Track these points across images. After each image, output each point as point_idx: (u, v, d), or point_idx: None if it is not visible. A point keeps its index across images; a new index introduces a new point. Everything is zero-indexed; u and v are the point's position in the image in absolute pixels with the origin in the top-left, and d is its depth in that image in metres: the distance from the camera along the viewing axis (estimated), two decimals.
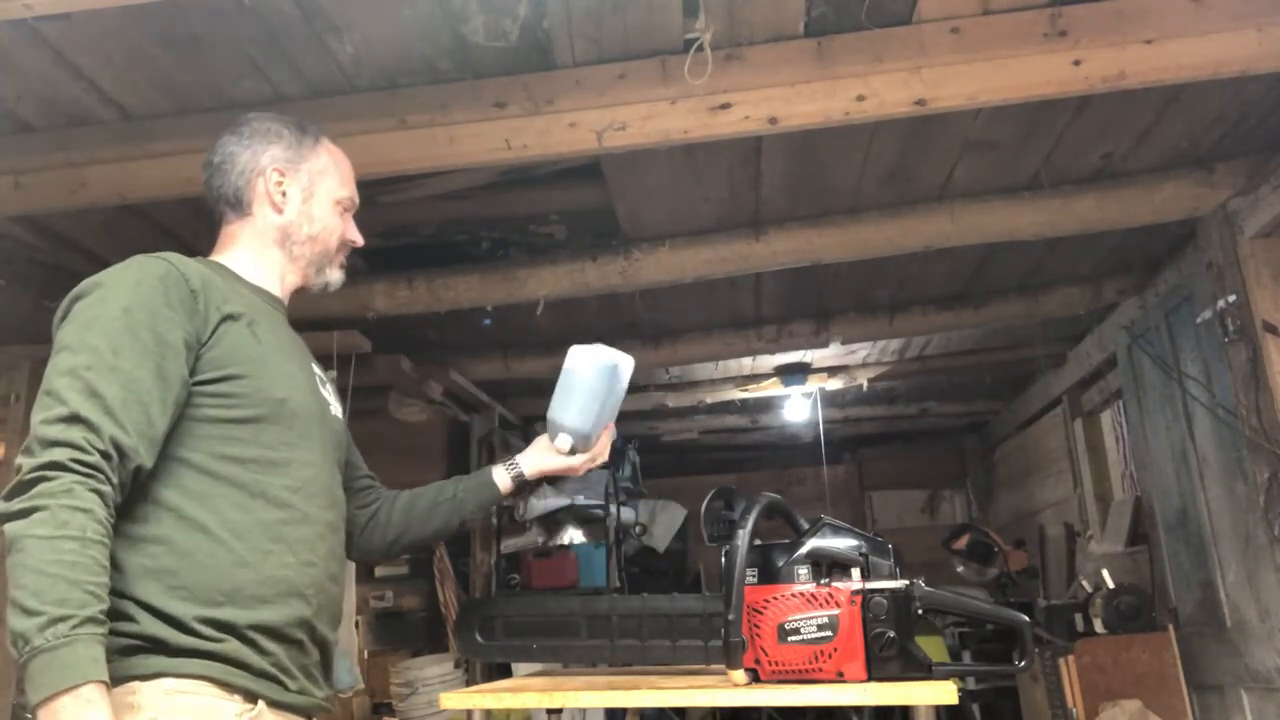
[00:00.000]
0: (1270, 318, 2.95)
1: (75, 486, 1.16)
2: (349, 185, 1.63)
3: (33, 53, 2.19)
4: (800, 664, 1.51)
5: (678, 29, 2.25)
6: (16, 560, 1.12)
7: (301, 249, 1.57)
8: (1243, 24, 2.22)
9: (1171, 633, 3.50)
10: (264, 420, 1.36)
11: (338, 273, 1.62)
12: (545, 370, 4.55)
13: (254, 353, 1.38)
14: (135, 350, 1.26)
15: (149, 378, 1.26)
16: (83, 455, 1.18)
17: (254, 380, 1.36)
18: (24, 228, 2.95)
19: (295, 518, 1.36)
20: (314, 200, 1.57)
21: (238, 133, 1.58)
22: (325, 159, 1.60)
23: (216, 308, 1.36)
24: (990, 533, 5.09)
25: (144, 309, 1.30)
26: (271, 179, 1.55)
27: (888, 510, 7.16)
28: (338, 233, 1.60)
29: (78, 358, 1.24)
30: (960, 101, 2.31)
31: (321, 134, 1.63)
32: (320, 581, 1.39)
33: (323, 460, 1.45)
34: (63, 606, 1.10)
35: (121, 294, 1.31)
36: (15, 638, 1.10)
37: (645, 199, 3.09)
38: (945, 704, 1.42)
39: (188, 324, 1.32)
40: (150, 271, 1.35)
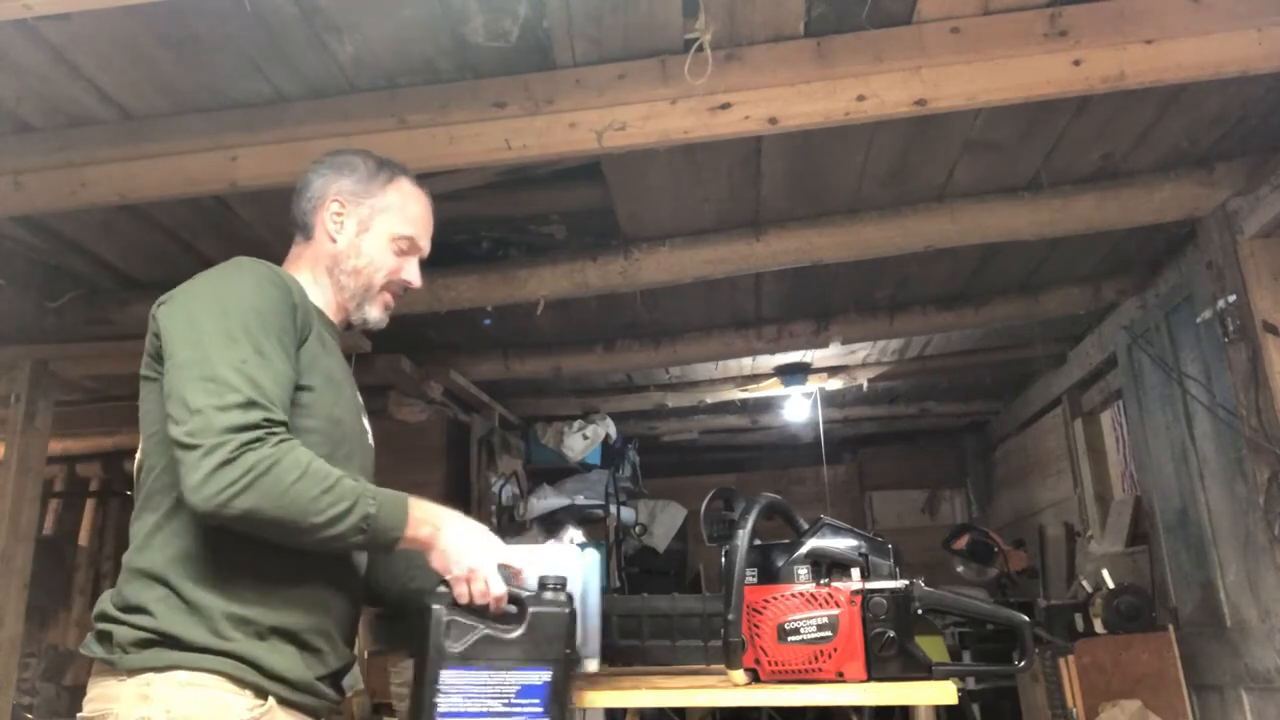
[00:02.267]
0: (1270, 318, 2.95)
1: (280, 442, 1.28)
2: (415, 226, 1.65)
3: (33, 53, 2.19)
4: (800, 664, 1.51)
5: (678, 29, 2.25)
6: (302, 503, 1.25)
7: (347, 279, 1.60)
8: (1243, 24, 2.22)
9: (1171, 633, 3.50)
10: (322, 434, 1.42)
11: (377, 311, 1.64)
12: (545, 370, 4.55)
13: (324, 370, 1.47)
14: (270, 346, 1.35)
15: (285, 372, 1.37)
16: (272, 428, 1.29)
17: (321, 395, 1.44)
18: (24, 228, 2.96)
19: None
20: (368, 235, 1.61)
21: (320, 162, 1.65)
22: (393, 198, 1.63)
23: (305, 323, 1.45)
24: (990, 533, 5.09)
25: (272, 309, 1.39)
26: (331, 208, 1.60)
27: (888, 510, 7.16)
28: (385, 270, 1.62)
29: (233, 352, 1.32)
30: (960, 101, 2.31)
31: (402, 174, 1.66)
32: (346, 594, 1.46)
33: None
34: (355, 488, 1.30)
35: (247, 292, 1.40)
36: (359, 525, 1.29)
37: (645, 199, 3.09)
38: (945, 704, 1.42)
39: (293, 329, 1.42)
40: (265, 276, 1.43)
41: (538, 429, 5.51)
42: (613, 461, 5.66)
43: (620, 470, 5.80)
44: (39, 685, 5.22)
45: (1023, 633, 1.57)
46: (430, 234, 1.70)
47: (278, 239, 3.12)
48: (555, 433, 5.45)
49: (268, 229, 3.05)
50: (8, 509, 3.56)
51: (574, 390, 5.37)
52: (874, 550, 1.56)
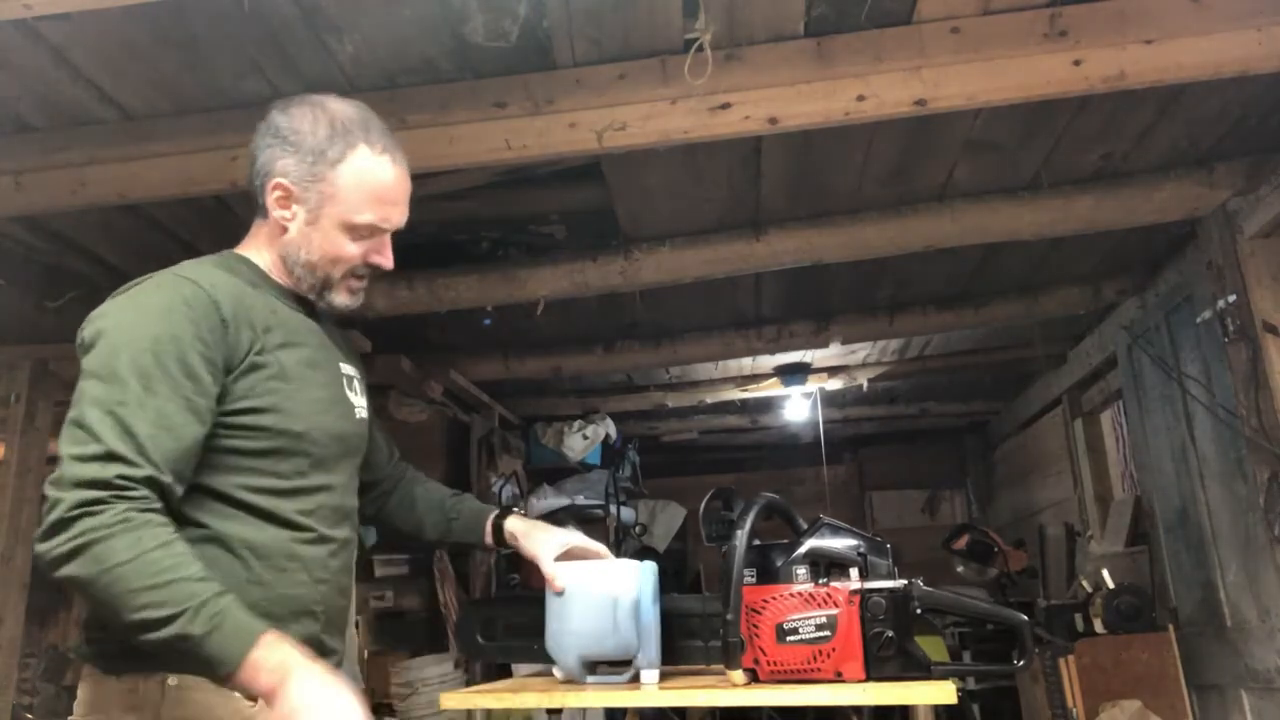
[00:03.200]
0: (1270, 318, 2.95)
1: (128, 512, 1.17)
2: (372, 208, 1.44)
3: (33, 53, 2.19)
4: (799, 664, 1.51)
5: (678, 29, 2.25)
6: (116, 591, 1.14)
7: (301, 271, 1.46)
8: (1243, 24, 2.22)
9: (1171, 633, 3.50)
10: (281, 453, 1.34)
11: (343, 296, 1.49)
12: (545, 370, 4.55)
13: (278, 383, 1.35)
14: (166, 384, 1.24)
15: (179, 413, 1.24)
16: (124, 490, 1.18)
17: (275, 415, 1.33)
18: (24, 228, 2.96)
19: (310, 538, 1.38)
20: (318, 225, 1.43)
21: (269, 122, 1.45)
22: (345, 179, 1.42)
23: (248, 337, 1.33)
24: (990, 533, 5.08)
25: (173, 340, 1.26)
26: (275, 194, 1.43)
27: (888, 510, 7.16)
28: (342, 261, 1.45)
29: (110, 391, 1.22)
30: (960, 101, 2.31)
31: (362, 141, 1.44)
32: (331, 597, 1.41)
33: (338, 480, 1.45)
34: (194, 598, 1.15)
35: (151, 322, 1.28)
36: (173, 641, 1.14)
37: (645, 199, 3.09)
38: (945, 704, 1.42)
39: (217, 355, 1.29)
40: (180, 297, 1.30)
41: (538, 429, 5.51)
42: (613, 461, 5.66)
43: (620, 470, 5.80)
44: (39, 685, 5.22)
45: (1022, 633, 1.57)
46: (403, 202, 1.50)
47: None
48: (555, 433, 5.45)
49: None
50: (8, 509, 3.56)
51: (574, 390, 5.37)
52: (872, 550, 1.56)
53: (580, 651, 1.64)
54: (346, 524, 1.47)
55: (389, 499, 1.75)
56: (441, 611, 4.95)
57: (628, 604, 1.63)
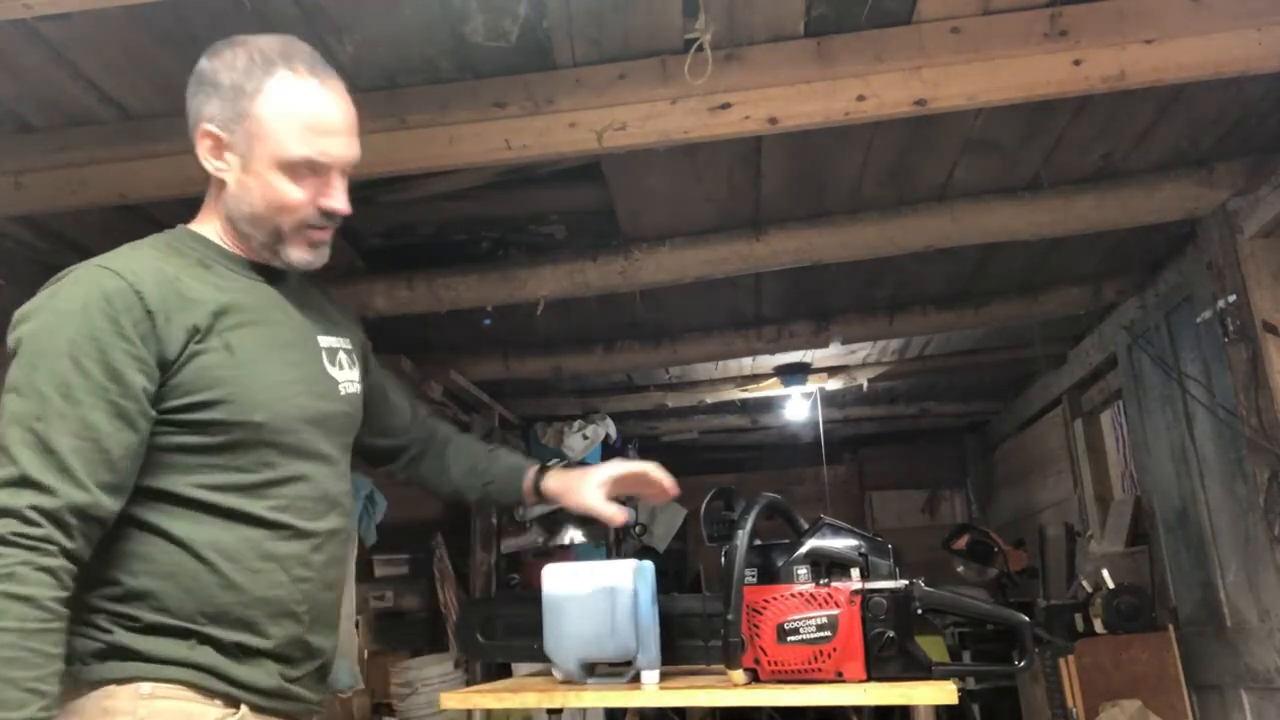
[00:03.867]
0: (1270, 318, 2.95)
1: (17, 569, 1.07)
2: (305, 140, 1.27)
3: (33, 53, 2.19)
4: (799, 664, 1.51)
5: (678, 29, 2.25)
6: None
7: (246, 228, 1.31)
8: (1243, 24, 2.22)
9: (1171, 633, 3.50)
10: (240, 445, 1.24)
11: (300, 251, 1.32)
12: (545, 370, 4.55)
13: (227, 370, 1.23)
14: (86, 390, 1.14)
15: (104, 420, 1.14)
16: (28, 529, 1.08)
17: (227, 405, 1.22)
18: (24, 228, 2.95)
19: (287, 534, 1.28)
20: (252, 171, 1.28)
21: (197, 69, 1.32)
22: (269, 111, 1.27)
23: (181, 325, 1.21)
24: (990, 533, 5.08)
25: (92, 340, 1.15)
26: (205, 143, 1.30)
27: (888, 510, 7.16)
28: (289, 209, 1.29)
29: (27, 404, 1.13)
30: (960, 101, 2.31)
31: (284, 66, 1.29)
32: (315, 594, 1.31)
33: (318, 466, 1.33)
34: (19, 709, 1.04)
35: (67, 324, 1.17)
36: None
37: (645, 199, 3.09)
38: (945, 704, 1.42)
39: (144, 351, 1.18)
40: (99, 291, 1.19)
41: (538, 429, 5.51)
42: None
43: None
44: None
45: (1023, 633, 1.58)
46: (343, 132, 1.31)
47: None
48: (555, 433, 5.45)
49: None
50: None
51: (574, 390, 5.37)
52: (874, 550, 1.56)
53: (579, 653, 1.64)
54: (332, 513, 1.35)
55: (420, 463, 1.66)
56: (441, 611, 4.95)
57: (626, 605, 1.63)
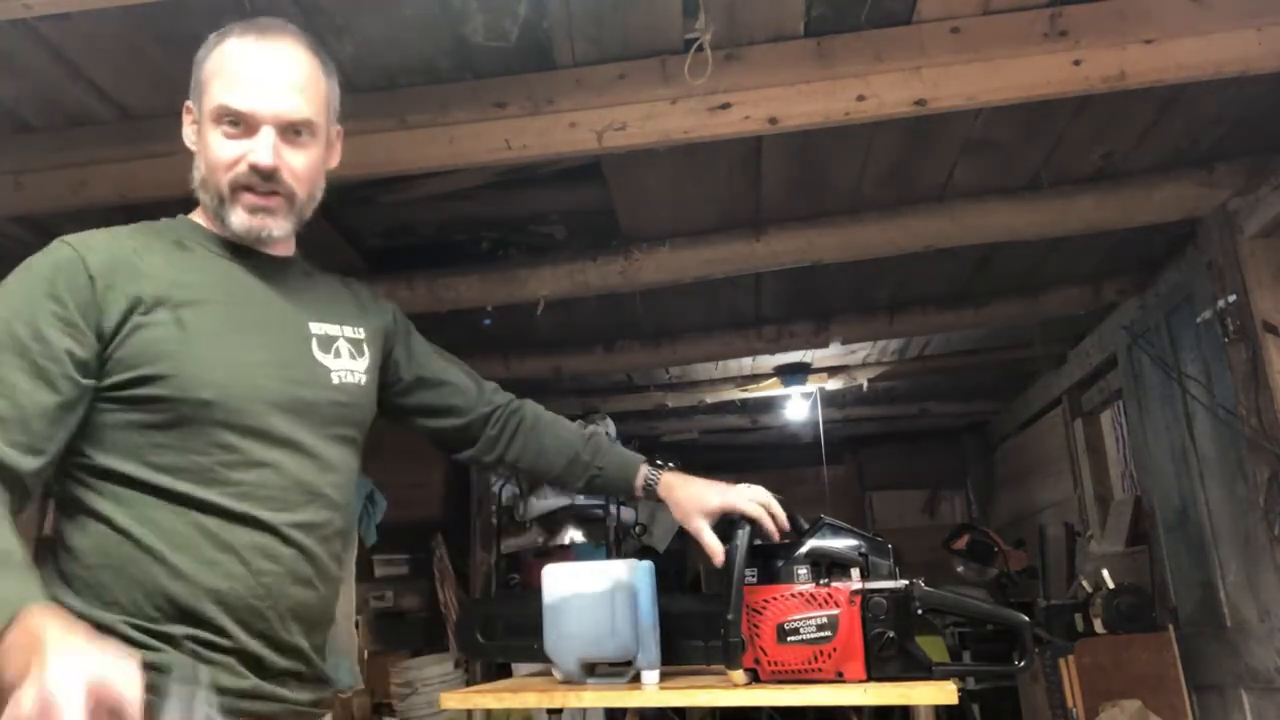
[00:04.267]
0: (1270, 318, 2.95)
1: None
2: (232, 87, 1.26)
3: (33, 53, 2.19)
4: (799, 664, 1.51)
5: (678, 29, 2.25)
6: None
7: (203, 195, 1.32)
8: (1243, 24, 2.22)
9: (1171, 633, 3.50)
10: (188, 424, 1.19)
11: (240, 216, 1.29)
12: (545, 370, 4.55)
13: (174, 345, 1.19)
14: (10, 349, 1.14)
15: (22, 379, 1.13)
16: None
17: (173, 380, 1.18)
18: (24, 228, 2.95)
19: (246, 523, 1.20)
20: (201, 132, 1.30)
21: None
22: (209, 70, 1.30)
23: (124, 294, 1.19)
24: (990, 533, 5.08)
25: (25, 302, 1.16)
26: (185, 120, 1.34)
27: (888, 510, 7.16)
28: (219, 165, 1.27)
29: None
30: (960, 101, 2.31)
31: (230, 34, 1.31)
32: (281, 588, 1.22)
33: (289, 454, 1.26)
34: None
35: (12, 292, 1.19)
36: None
37: (645, 199, 3.09)
38: (945, 704, 1.42)
39: (76, 315, 1.16)
40: (49, 259, 1.21)
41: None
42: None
43: None
44: None
45: (1022, 633, 1.57)
46: (269, 83, 1.27)
47: None
48: None
49: None
50: None
51: (574, 390, 5.37)
52: (874, 550, 1.56)
53: (579, 654, 1.64)
54: (310, 506, 1.27)
55: (509, 444, 1.61)
56: (441, 611, 4.95)
57: (625, 605, 1.63)
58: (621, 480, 1.63)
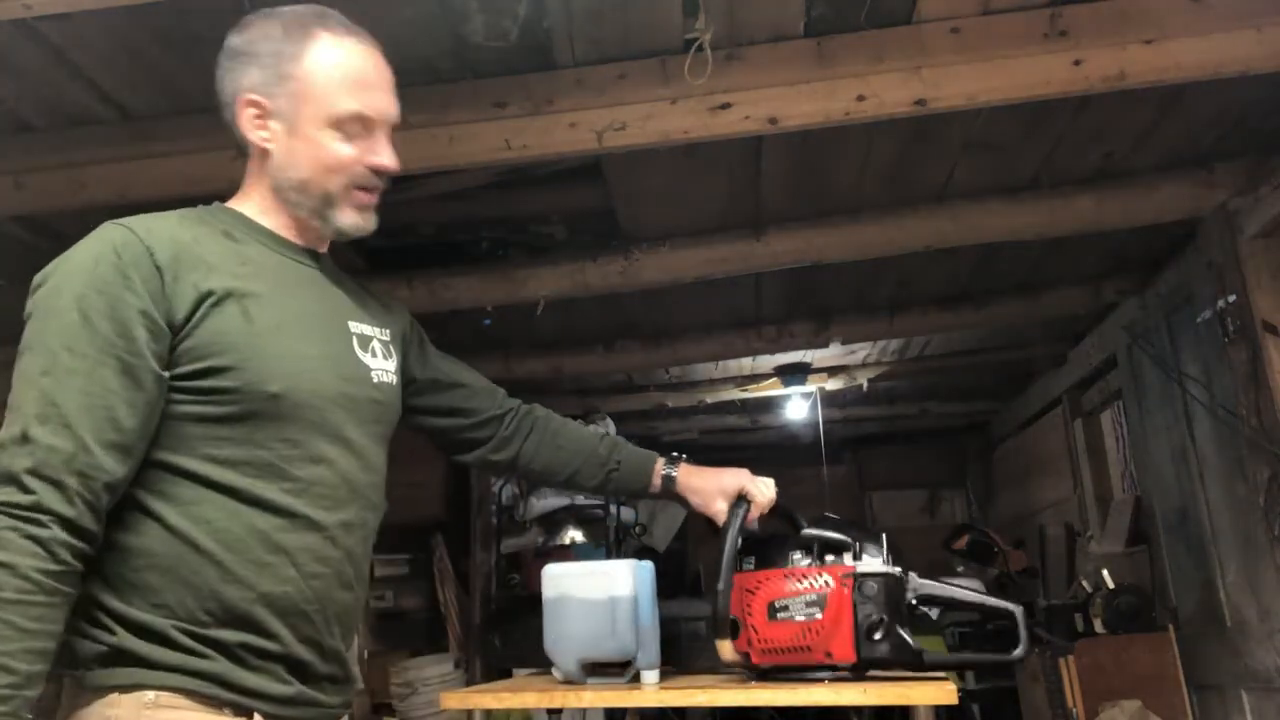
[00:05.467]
0: (1270, 318, 2.95)
1: (5, 533, 1.02)
2: (352, 94, 1.26)
3: (33, 53, 2.19)
4: (788, 641, 1.50)
5: (678, 29, 2.25)
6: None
7: (296, 197, 1.28)
8: (1243, 24, 2.22)
9: (1171, 633, 3.50)
10: (255, 418, 1.16)
11: (350, 217, 1.30)
12: (545, 370, 4.55)
13: (242, 337, 1.17)
14: (93, 345, 1.09)
15: (112, 376, 1.09)
16: (20, 497, 1.03)
17: (241, 372, 1.15)
18: (24, 228, 2.95)
19: (299, 524, 1.18)
20: (299, 133, 1.26)
21: (228, 46, 1.32)
22: (312, 69, 1.26)
23: (193, 284, 1.16)
24: (990, 533, 5.09)
25: (101, 294, 1.12)
26: (248, 113, 1.28)
27: (888, 510, 7.16)
28: (339, 169, 1.27)
29: (36, 360, 1.10)
30: (960, 101, 2.31)
31: (320, 27, 1.28)
32: (329, 592, 1.21)
33: (341, 450, 1.24)
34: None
35: (77, 279, 1.13)
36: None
37: (645, 199, 3.09)
38: (945, 704, 1.42)
39: (154, 308, 1.13)
40: (109, 245, 1.15)
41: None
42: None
43: None
44: None
45: (1017, 620, 1.57)
46: (388, 89, 1.31)
47: None
48: None
49: None
50: None
51: (574, 390, 5.37)
52: (868, 539, 1.57)
53: (579, 654, 1.64)
54: (354, 504, 1.26)
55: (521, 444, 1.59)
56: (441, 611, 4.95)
57: (625, 605, 1.63)
58: (640, 474, 1.60)
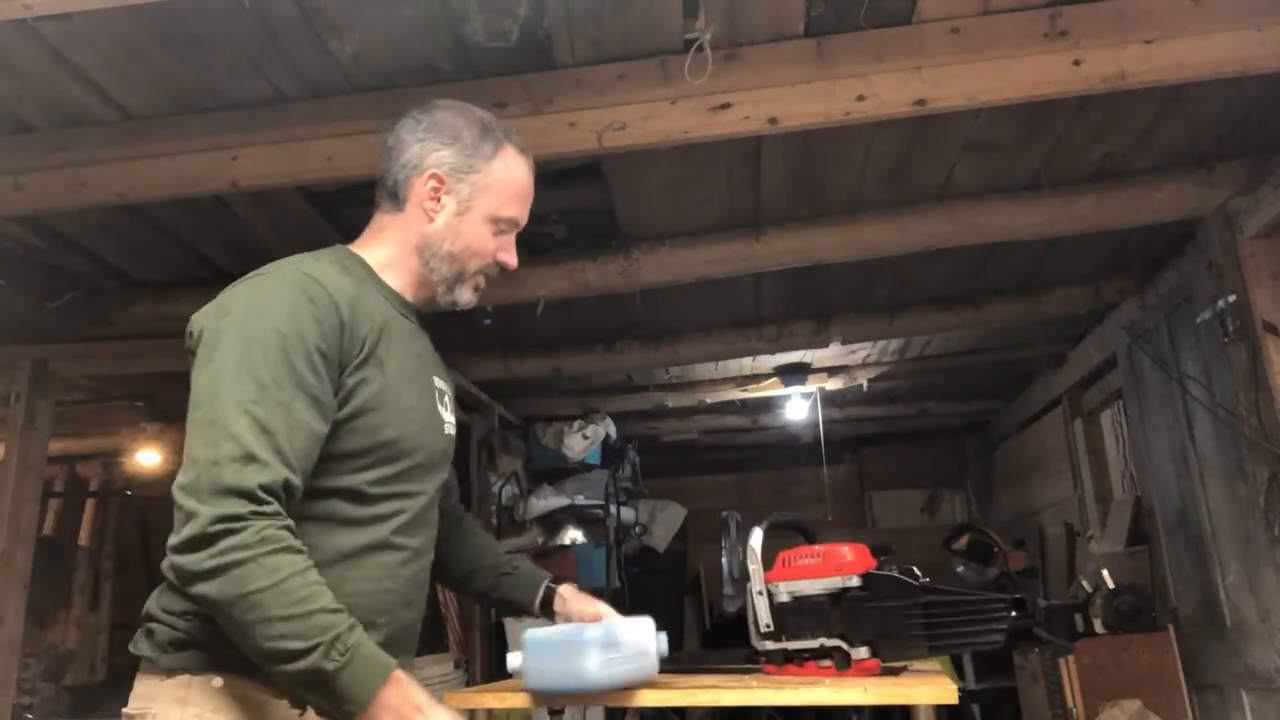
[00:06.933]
0: (1270, 318, 2.95)
1: (266, 531, 1.14)
2: (515, 204, 1.50)
3: (33, 53, 2.19)
4: None
5: (678, 29, 2.25)
6: (252, 617, 1.12)
7: (439, 264, 1.47)
8: (1243, 24, 2.22)
9: (1171, 633, 3.50)
10: (368, 457, 1.31)
11: (469, 293, 1.52)
12: (545, 370, 4.55)
13: (376, 388, 1.32)
14: (294, 382, 1.22)
15: (306, 411, 1.22)
16: (263, 504, 1.15)
17: (370, 417, 1.30)
18: (24, 228, 2.95)
19: (377, 544, 1.32)
20: (467, 217, 1.46)
21: (418, 120, 1.48)
22: (496, 173, 1.47)
23: (362, 339, 1.31)
24: (990, 533, 5.09)
25: (299, 338, 1.24)
26: (429, 184, 1.45)
27: (888, 510, 7.16)
28: (481, 254, 1.49)
29: (244, 389, 1.19)
30: (960, 101, 2.31)
31: (507, 140, 1.49)
32: (395, 608, 1.34)
33: (420, 492, 1.40)
34: (328, 631, 1.13)
35: (277, 318, 1.25)
36: (305, 675, 1.12)
37: (645, 199, 3.09)
38: (945, 704, 1.42)
39: (335, 356, 1.27)
40: (304, 294, 1.28)
41: (538, 429, 5.51)
42: (613, 461, 5.66)
43: (620, 470, 5.80)
44: (39, 685, 5.22)
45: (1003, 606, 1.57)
46: (529, 204, 1.55)
47: (277, 238, 3.12)
48: (555, 433, 5.45)
49: (268, 229, 3.05)
50: (8, 509, 3.57)
51: (574, 390, 5.37)
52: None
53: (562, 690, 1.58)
54: (423, 534, 1.41)
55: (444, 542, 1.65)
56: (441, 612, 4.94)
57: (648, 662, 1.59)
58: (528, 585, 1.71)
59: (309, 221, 3.01)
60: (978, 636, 1.54)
